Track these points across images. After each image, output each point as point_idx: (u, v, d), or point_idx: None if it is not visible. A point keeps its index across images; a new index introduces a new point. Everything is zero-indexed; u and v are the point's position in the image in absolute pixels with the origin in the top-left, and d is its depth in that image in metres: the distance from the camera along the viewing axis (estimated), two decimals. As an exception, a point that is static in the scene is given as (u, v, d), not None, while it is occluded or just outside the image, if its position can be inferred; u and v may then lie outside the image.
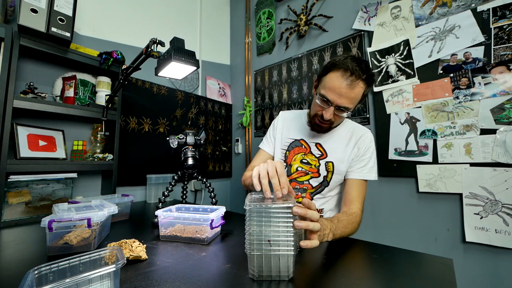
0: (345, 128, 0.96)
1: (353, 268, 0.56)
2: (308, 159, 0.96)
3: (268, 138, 1.10)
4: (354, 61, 0.76)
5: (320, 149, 0.95)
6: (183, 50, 0.86)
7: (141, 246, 0.62)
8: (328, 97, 0.79)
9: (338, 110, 0.80)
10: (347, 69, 0.75)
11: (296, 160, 0.98)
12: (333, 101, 0.78)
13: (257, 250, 0.48)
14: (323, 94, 0.80)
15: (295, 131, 1.02)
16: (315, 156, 0.95)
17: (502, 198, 1.07)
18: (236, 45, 2.46)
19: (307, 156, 0.96)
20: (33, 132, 1.19)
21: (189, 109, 2.01)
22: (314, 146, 0.96)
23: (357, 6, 1.56)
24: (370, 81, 0.78)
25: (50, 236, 0.63)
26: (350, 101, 0.78)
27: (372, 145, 0.93)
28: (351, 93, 0.76)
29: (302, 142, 0.99)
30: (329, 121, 0.84)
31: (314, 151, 0.96)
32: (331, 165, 0.93)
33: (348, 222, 0.75)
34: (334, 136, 0.95)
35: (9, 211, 1.02)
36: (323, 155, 0.94)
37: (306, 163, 0.96)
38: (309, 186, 0.95)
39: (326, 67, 0.81)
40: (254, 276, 0.49)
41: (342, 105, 0.78)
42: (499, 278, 1.07)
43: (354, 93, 0.76)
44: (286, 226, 0.48)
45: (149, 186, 1.60)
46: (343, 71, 0.76)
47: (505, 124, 1.08)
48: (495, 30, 1.11)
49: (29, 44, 1.09)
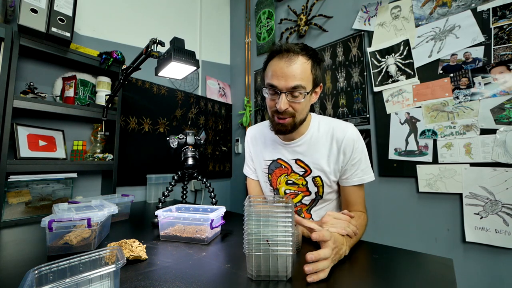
0: (323, 132, 0.84)
1: (353, 268, 0.56)
2: (293, 179, 0.87)
3: (247, 163, 1.01)
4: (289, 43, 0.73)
5: (302, 165, 0.85)
6: (183, 50, 0.86)
7: (141, 246, 0.62)
8: (274, 83, 0.73)
9: (291, 96, 0.73)
10: (281, 50, 0.73)
11: (281, 183, 0.89)
12: (280, 86, 0.72)
13: (255, 250, 0.48)
14: (268, 82, 0.75)
15: (269, 151, 0.92)
16: (299, 174, 0.86)
17: (502, 198, 1.07)
18: (236, 45, 2.45)
19: (291, 176, 0.87)
20: (33, 132, 1.19)
21: (189, 109, 2.01)
22: (294, 164, 0.86)
23: (357, 6, 1.56)
24: (312, 56, 0.74)
25: (50, 236, 0.63)
26: (297, 79, 0.71)
27: (358, 144, 0.80)
28: (293, 69, 0.70)
29: (281, 162, 0.88)
30: (287, 112, 0.75)
31: (296, 169, 0.86)
32: (319, 179, 0.83)
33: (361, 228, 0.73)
34: (313, 145, 0.83)
35: (9, 211, 1.02)
36: (307, 172, 0.84)
37: (292, 183, 0.87)
38: (303, 206, 0.89)
39: (266, 59, 0.78)
40: (252, 276, 0.49)
41: (290, 85, 0.71)
42: (499, 278, 1.07)
43: (296, 68, 0.71)
44: (285, 226, 0.48)
45: (149, 186, 1.60)
46: (279, 54, 0.73)
47: (505, 124, 1.08)
48: (495, 30, 1.11)
49: (29, 44, 1.09)
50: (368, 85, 1.50)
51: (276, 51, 0.74)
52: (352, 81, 1.57)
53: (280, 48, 0.73)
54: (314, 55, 0.74)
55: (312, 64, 0.74)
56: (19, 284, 0.37)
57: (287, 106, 0.73)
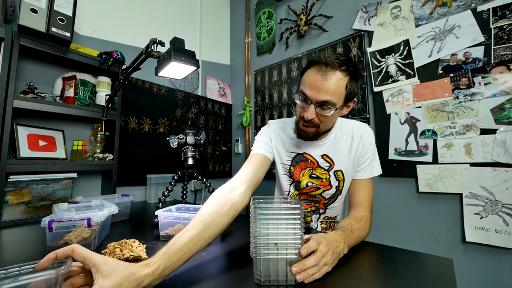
0: (344, 130, 0.91)
1: (353, 268, 0.56)
2: (318, 174, 0.90)
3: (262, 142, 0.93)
4: (331, 55, 0.72)
5: (327, 160, 0.90)
6: (183, 50, 0.86)
7: (141, 246, 0.62)
8: (306, 92, 0.74)
9: (320, 108, 0.74)
10: (321, 62, 0.72)
11: (304, 175, 0.92)
12: (311, 97, 0.73)
13: (263, 254, 0.46)
14: (301, 90, 0.76)
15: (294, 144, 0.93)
16: (324, 169, 0.89)
17: (502, 198, 1.07)
18: (236, 45, 2.45)
19: (316, 170, 0.90)
20: (33, 132, 1.19)
21: (189, 109, 2.01)
22: (321, 159, 0.90)
23: (357, 6, 1.56)
24: (352, 72, 0.73)
25: (50, 236, 0.63)
26: (329, 94, 0.71)
27: (373, 140, 0.90)
28: (327, 84, 0.71)
29: (307, 156, 0.91)
30: (312, 122, 0.77)
31: (322, 164, 0.90)
32: (340, 173, 0.88)
33: (362, 229, 0.72)
34: (338, 143, 0.90)
35: (9, 211, 1.02)
36: (331, 166, 0.89)
37: (316, 177, 0.90)
38: (322, 199, 0.92)
39: (305, 67, 0.79)
40: (260, 281, 0.47)
41: (320, 99, 0.72)
42: (499, 278, 1.07)
43: (331, 84, 0.71)
44: (294, 229, 0.46)
45: (149, 186, 1.60)
46: (318, 65, 0.73)
47: (505, 124, 1.08)
48: (495, 30, 1.11)
49: (29, 44, 1.09)
50: (368, 85, 1.50)
51: (316, 61, 0.74)
52: (352, 81, 1.57)
53: (319, 60, 0.73)
54: (353, 71, 0.73)
55: (349, 80, 0.73)
56: (19, 284, 0.36)
57: (314, 116, 0.75)
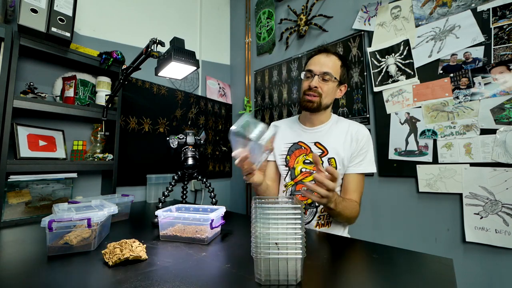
0: (341, 126, 1.01)
1: (353, 268, 0.56)
2: (310, 159, 0.98)
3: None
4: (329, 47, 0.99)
5: (320, 147, 0.98)
6: (183, 50, 0.86)
7: (141, 246, 0.62)
8: (310, 67, 0.95)
9: (322, 79, 0.93)
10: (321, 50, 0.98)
11: (298, 162, 1.00)
12: (315, 70, 0.93)
13: (264, 254, 0.46)
14: (307, 68, 0.97)
15: (291, 136, 1.05)
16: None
17: (502, 198, 1.07)
18: (236, 45, 2.45)
19: (309, 156, 0.99)
20: (33, 132, 1.19)
21: (189, 109, 2.01)
22: (314, 146, 0.99)
23: (357, 6, 1.56)
24: (343, 60, 0.97)
25: (50, 236, 0.63)
26: (329, 67, 0.93)
27: (368, 139, 0.98)
28: (328, 61, 0.94)
29: (301, 144, 1.02)
30: (316, 91, 0.93)
31: (315, 150, 0.98)
32: (333, 161, 0.95)
33: (349, 204, 0.85)
34: (332, 134, 0.99)
35: (9, 211, 1.02)
36: (324, 152, 0.97)
37: (309, 163, 0.98)
38: None
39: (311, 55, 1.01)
40: (260, 280, 0.47)
41: (323, 70, 0.92)
42: (499, 278, 1.07)
43: (330, 61, 0.94)
44: (294, 228, 0.46)
45: (149, 186, 1.60)
46: (319, 52, 0.98)
47: (505, 124, 1.08)
48: (495, 30, 1.11)
49: (29, 44, 1.09)
50: (368, 85, 1.50)
51: (319, 50, 1.00)
52: (352, 81, 1.57)
53: (321, 48, 1.00)
54: (344, 60, 0.99)
55: (341, 65, 0.97)
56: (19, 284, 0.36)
57: (318, 84, 0.93)
